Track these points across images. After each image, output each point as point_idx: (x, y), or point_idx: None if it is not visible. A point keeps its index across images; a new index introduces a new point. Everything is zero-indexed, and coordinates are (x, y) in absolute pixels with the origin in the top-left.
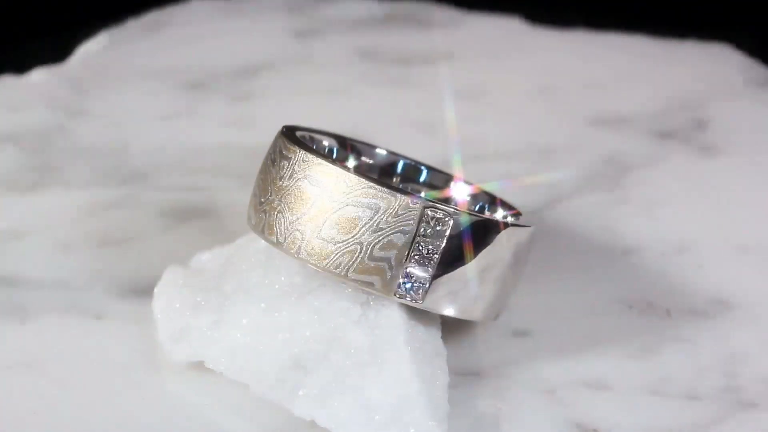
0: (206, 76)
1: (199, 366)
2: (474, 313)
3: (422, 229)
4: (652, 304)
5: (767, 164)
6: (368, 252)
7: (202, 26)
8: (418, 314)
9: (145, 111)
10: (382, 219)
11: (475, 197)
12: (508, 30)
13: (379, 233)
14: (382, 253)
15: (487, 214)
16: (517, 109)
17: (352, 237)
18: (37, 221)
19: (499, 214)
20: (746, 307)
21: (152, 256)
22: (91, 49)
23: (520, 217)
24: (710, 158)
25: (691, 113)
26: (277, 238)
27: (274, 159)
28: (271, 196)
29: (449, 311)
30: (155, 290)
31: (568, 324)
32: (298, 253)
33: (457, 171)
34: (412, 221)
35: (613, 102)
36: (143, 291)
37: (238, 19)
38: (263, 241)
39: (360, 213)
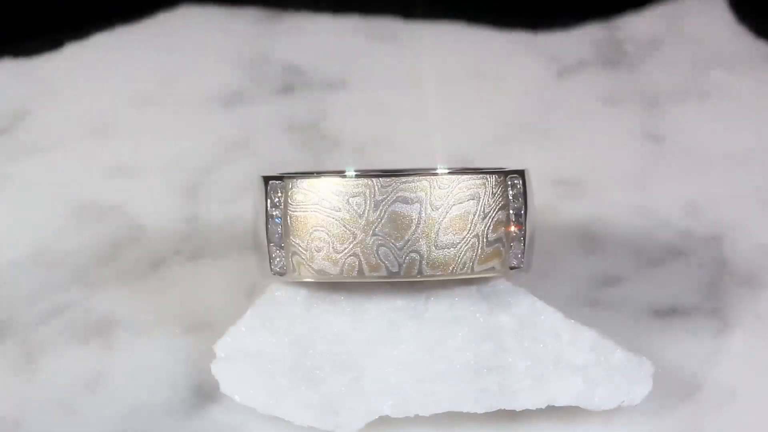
0: None
1: (381, 421)
2: (527, 263)
3: (511, 198)
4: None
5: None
6: (485, 240)
7: None
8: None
9: None
10: (485, 204)
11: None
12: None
13: (487, 218)
14: (494, 235)
15: None
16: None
17: (468, 232)
18: None
19: None
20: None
21: (137, 371)
22: None
23: None
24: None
25: (282, 62)
26: (389, 270)
27: (337, 204)
28: (358, 237)
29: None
30: (224, 391)
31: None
32: (421, 273)
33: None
34: (504, 194)
35: (234, 78)
36: (200, 401)
37: None
38: (302, 291)
39: (467, 207)
